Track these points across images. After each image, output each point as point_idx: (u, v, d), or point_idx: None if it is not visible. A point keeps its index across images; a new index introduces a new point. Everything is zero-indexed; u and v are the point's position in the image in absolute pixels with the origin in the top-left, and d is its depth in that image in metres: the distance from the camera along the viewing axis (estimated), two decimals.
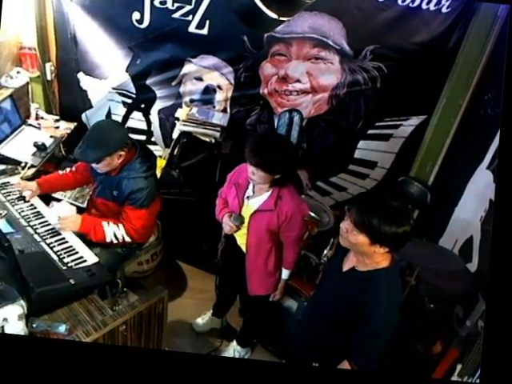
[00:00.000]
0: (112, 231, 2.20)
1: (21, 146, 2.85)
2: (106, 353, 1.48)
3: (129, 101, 3.41)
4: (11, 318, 1.61)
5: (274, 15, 1.75)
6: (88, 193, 2.78)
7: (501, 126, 1.50)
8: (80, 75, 3.34)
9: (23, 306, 1.68)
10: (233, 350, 2.65)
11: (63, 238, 2.12)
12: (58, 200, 2.86)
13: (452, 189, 2.94)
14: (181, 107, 3.33)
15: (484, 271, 2.34)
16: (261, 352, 2.71)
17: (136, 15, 2.99)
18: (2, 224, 2.08)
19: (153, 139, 3.55)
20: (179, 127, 3.12)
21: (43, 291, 1.72)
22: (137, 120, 3.49)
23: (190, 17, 2.93)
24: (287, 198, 2.02)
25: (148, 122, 3.50)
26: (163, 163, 3.06)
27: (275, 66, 3.08)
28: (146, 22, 3.00)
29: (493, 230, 1.44)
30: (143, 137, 3.53)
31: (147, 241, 2.59)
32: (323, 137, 3.32)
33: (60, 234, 2.14)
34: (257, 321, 2.59)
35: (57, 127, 3.20)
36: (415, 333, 2.59)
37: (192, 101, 3.30)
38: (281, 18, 1.79)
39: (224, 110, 3.29)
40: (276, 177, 1.97)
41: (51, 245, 2.04)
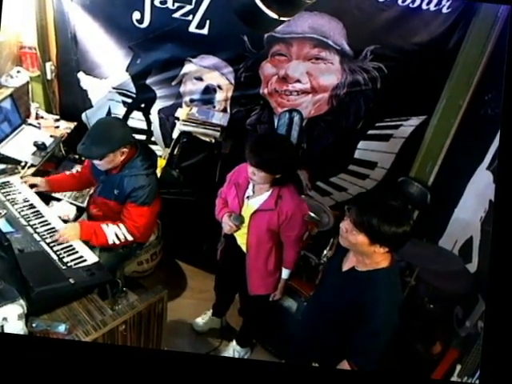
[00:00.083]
0: (113, 232, 2.19)
1: (21, 146, 2.84)
2: (106, 352, 1.48)
3: (129, 100, 3.41)
4: (11, 318, 1.61)
5: (275, 15, 1.75)
6: (88, 192, 2.78)
7: (501, 127, 1.50)
8: (80, 75, 3.34)
9: (23, 306, 1.68)
10: (232, 350, 2.65)
11: None
12: (58, 200, 2.87)
13: (452, 189, 2.94)
14: (181, 107, 3.33)
15: (484, 272, 2.34)
16: (260, 352, 2.71)
17: (136, 15, 2.99)
18: (2, 223, 2.07)
19: (153, 139, 3.55)
20: (179, 127, 3.12)
21: (43, 291, 1.72)
22: (137, 120, 3.49)
23: (191, 17, 2.94)
24: (287, 198, 2.02)
25: (148, 122, 3.50)
26: (163, 163, 3.06)
27: (275, 66, 3.09)
28: (147, 22, 3.00)
29: (493, 231, 1.44)
30: (143, 136, 3.53)
31: (148, 240, 2.60)
32: (323, 137, 3.32)
33: None
34: (256, 321, 2.59)
35: (57, 127, 3.20)
36: (415, 333, 2.58)
37: (192, 100, 3.30)
38: (281, 18, 1.79)
39: (224, 110, 3.30)
40: (276, 176, 1.98)
41: (51, 244, 2.03)
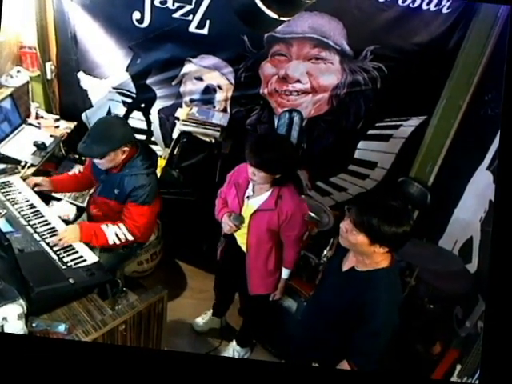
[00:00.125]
0: (113, 232, 2.19)
1: (21, 145, 2.84)
2: (106, 352, 1.48)
3: (129, 100, 3.41)
4: (11, 318, 1.61)
5: (275, 15, 1.75)
6: (88, 192, 2.78)
7: (501, 127, 1.50)
8: (80, 74, 3.34)
9: (23, 306, 1.68)
10: (232, 350, 2.65)
11: None
12: (58, 199, 2.87)
13: (452, 189, 2.94)
14: (181, 107, 3.33)
15: (484, 272, 2.34)
16: (260, 352, 2.71)
17: (136, 15, 2.99)
18: (2, 223, 2.07)
19: (153, 139, 3.55)
20: (179, 127, 3.12)
21: (43, 290, 1.72)
22: (137, 119, 3.49)
23: (191, 16, 2.94)
24: (287, 198, 2.02)
25: (148, 122, 3.50)
26: (163, 163, 3.05)
27: (275, 66, 3.08)
28: (147, 22, 3.00)
29: (492, 231, 1.44)
30: (143, 136, 3.53)
31: (148, 240, 2.59)
32: (323, 137, 3.32)
33: None
34: (256, 321, 2.58)
35: (57, 126, 3.19)
36: (415, 333, 2.58)
37: (192, 100, 3.30)
38: (281, 18, 1.80)
39: (224, 110, 3.29)
40: (276, 177, 1.98)
41: (51, 244, 2.03)
